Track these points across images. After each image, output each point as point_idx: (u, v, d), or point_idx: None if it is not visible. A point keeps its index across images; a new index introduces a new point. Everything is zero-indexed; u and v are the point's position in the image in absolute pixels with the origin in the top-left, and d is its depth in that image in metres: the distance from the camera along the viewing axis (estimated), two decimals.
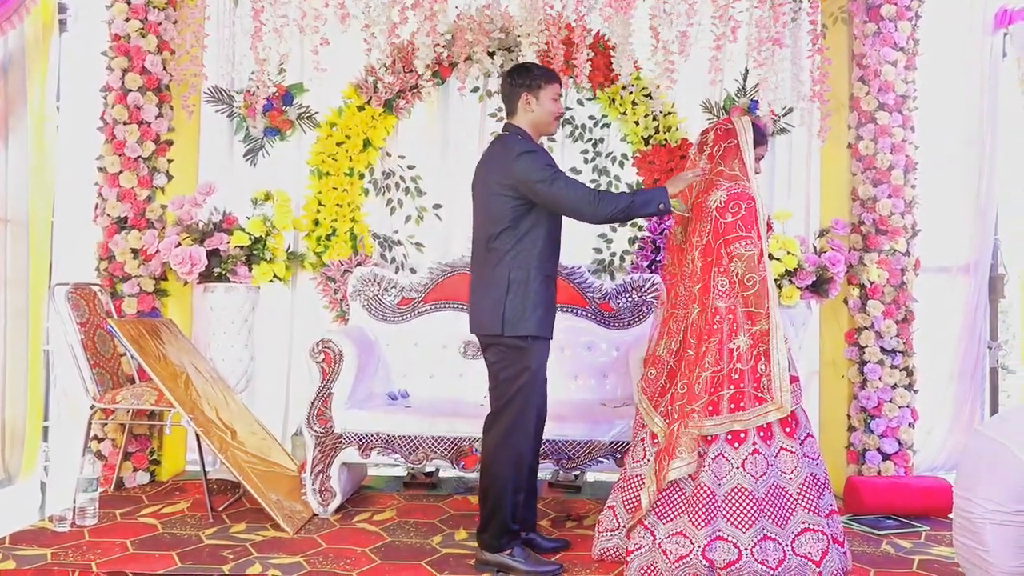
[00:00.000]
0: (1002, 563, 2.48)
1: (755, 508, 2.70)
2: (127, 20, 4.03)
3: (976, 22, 4.33)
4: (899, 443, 3.93)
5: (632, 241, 4.46)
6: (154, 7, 4.06)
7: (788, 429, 2.80)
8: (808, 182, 4.38)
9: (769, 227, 2.98)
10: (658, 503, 2.81)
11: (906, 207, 4.01)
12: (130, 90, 4.03)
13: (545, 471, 4.12)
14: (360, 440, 3.54)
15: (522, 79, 2.94)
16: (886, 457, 3.92)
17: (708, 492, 2.72)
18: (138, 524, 3.36)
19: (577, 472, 3.86)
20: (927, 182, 4.14)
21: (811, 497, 2.76)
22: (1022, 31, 4.18)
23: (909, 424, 3.97)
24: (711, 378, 2.79)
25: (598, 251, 4.50)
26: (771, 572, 2.64)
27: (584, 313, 4.11)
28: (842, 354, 4.07)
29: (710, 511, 2.71)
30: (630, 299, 4.10)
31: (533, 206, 2.86)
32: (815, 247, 4.02)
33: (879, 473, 3.90)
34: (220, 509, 3.57)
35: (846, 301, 4.07)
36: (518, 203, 2.85)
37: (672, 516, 2.78)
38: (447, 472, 4.18)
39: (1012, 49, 4.28)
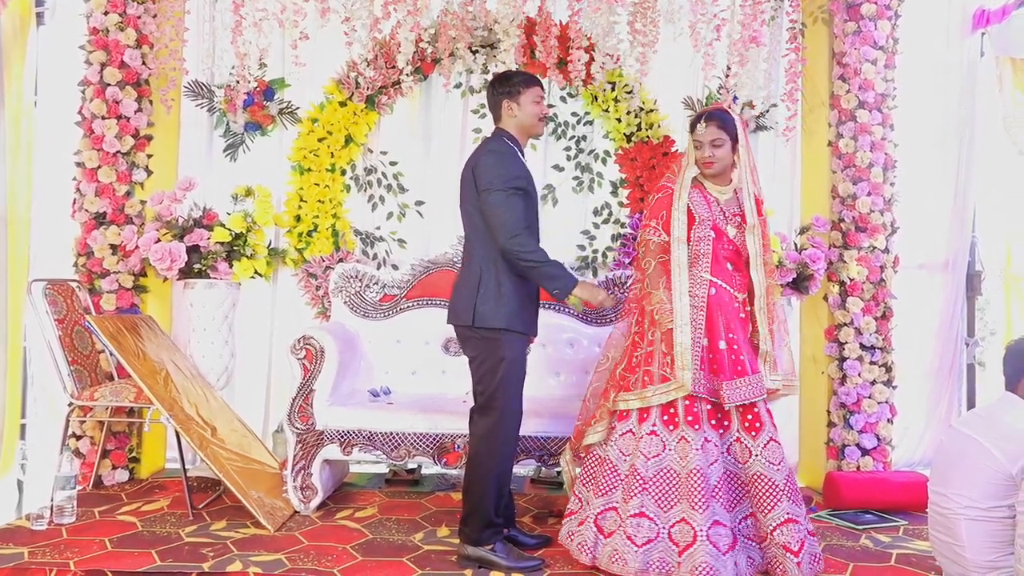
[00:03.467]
0: (976, 557, 2.51)
1: (675, 488, 2.79)
2: (105, 13, 3.99)
3: (955, 22, 4.37)
4: (878, 438, 3.97)
5: (615, 238, 4.48)
6: (133, 0, 4.02)
7: (722, 422, 2.88)
8: (791, 180, 4.41)
9: (692, 219, 2.98)
10: (588, 478, 2.98)
11: (885, 205, 4.05)
12: (108, 84, 3.99)
13: (527, 467, 4.13)
14: (342, 437, 3.53)
15: (503, 87, 3.01)
16: (865, 452, 3.96)
17: (632, 472, 2.84)
18: (117, 522, 3.33)
19: (559, 469, 3.86)
20: (906, 180, 4.18)
21: (723, 493, 2.79)
22: (1000, 31, 4.22)
23: (888, 420, 4.01)
24: (628, 359, 2.98)
25: (581, 248, 4.51)
26: (677, 551, 2.72)
27: (566, 310, 4.12)
28: (822, 350, 4.11)
29: (625, 486, 2.85)
30: (612, 296, 4.10)
31: None
32: (796, 244, 4.05)
33: (858, 468, 3.94)
34: (200, 507, 3.55)
35: (826, 298, 4.10)
36: None
37: (606, 490, 2.90)
38: (429, 469, 4.19)
39: (990, 49, 4.33)
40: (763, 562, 2.82)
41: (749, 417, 2.86)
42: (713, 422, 2.87)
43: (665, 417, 2.86)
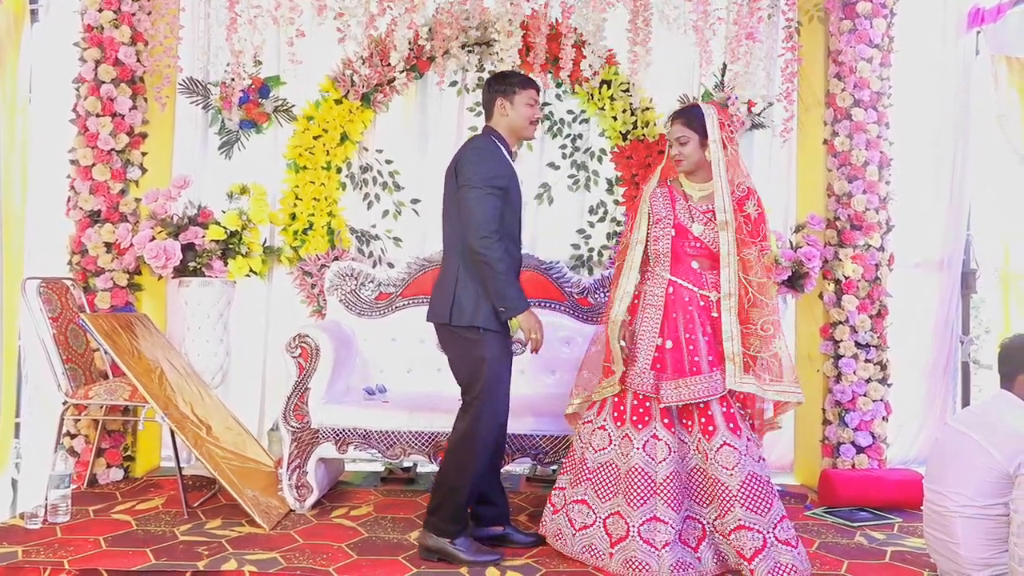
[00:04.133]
0: (971, 554, 2.52)
1: (614, 484, 2.88)
2: (100, 10, 3.97)
3: (950, 21, 4.39)
4: (873, 436, 3.98)
5: (610, 236, 4.48)
6: None
7: (687, 420, 2.89)
8: (787, 178, 4.42)
9: (655, 220, 3.00)
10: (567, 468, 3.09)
11: (880, 203, 4.05)
12: (103, 82, 3.98)
13: (522, 466, 4.13)
14: (337, 435, 3.52)
15: (498, 85, 3.00)
16: (860, 450, 3.96)
17: (581, 460, 3.00)
18: (111, 521, 3.32)
19: (555, 467, 3.87)
20: (901, 178, 4.18)
21: (670, 491, 2.78)
22: (995, 30, 4.23)
23: (883, 417, 4.02)
24: (604, 356, 3.06)
25: (576, 247, 4.51)
26: (609, 541, 2.79)
27: (562, 308, 4.12)
28: (817, 348, 4.11)
29: (576, 472, 3.01)
30: (608, 294, 4.11)
31: None
32: (791, 242, 4.05)
33: (853, 466, 3.94)
34: (195, 505, 3.54)
35: (821, 296, 4.10)
36: None
37: (564, 471, 3.08)
38: (425, 467, 4.19)
39: (985, 47, 4.34)
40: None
41: (702, 420, 2.84)
42: (667, 420, 2.85)
43: (615, 413, 2.94)
